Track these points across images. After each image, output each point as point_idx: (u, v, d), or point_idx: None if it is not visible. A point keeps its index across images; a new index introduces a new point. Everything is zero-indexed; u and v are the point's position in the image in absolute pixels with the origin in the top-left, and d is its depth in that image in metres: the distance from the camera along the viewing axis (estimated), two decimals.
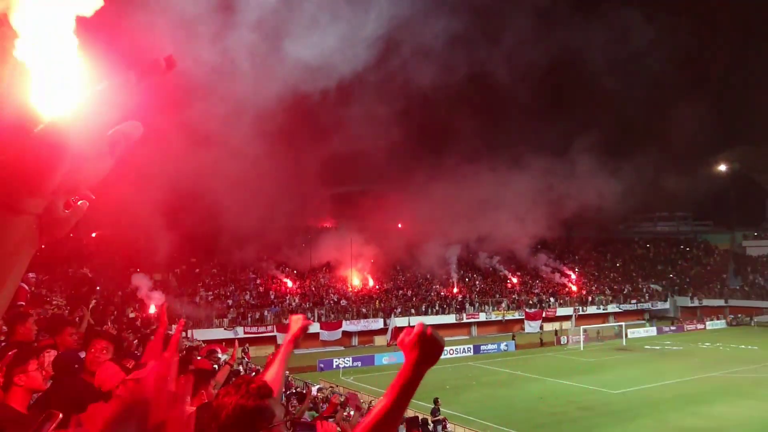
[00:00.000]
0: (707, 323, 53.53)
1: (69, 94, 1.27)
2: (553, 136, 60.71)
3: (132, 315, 26.84)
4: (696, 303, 59.45)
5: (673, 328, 51.52)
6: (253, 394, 1.75)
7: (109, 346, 4.16)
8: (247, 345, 35.41)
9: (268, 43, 33.58)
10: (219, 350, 20.78)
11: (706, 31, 65.94)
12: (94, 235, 39.07)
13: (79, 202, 0.88)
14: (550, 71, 62.22)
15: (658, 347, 42.68)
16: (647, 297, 59.77)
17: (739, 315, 55.10)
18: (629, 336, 45.90)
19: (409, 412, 22.40)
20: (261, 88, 33.86)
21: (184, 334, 29.69)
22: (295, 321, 2.78)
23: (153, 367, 2.58)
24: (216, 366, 10.49)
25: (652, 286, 62.22)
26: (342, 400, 18.43)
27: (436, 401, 21.65)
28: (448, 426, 20.95)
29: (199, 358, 9.22)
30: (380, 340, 44.90)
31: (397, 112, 49.18)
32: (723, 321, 54.55)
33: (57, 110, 1.27)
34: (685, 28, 59.86)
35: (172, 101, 30.73)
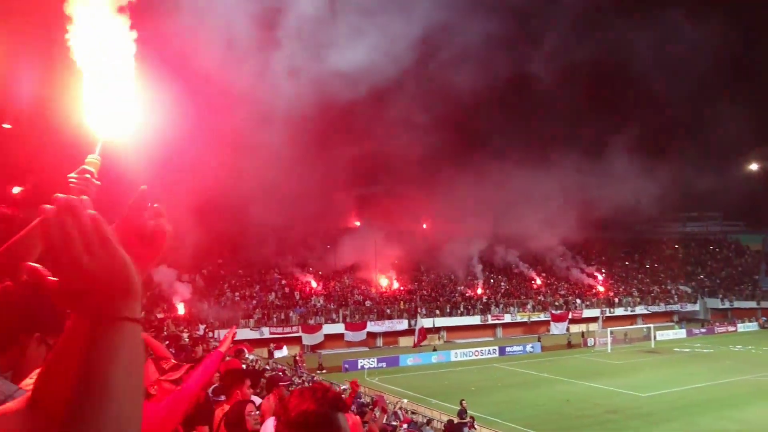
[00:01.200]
0: (738, 325, 52.47)
1: (123, 115, 1.53)
2: (580, 136, 60.15)
3: (160, 316, 27.19)
4: (727, 305, 58.33)
5: (703, 330, 50.61)
6: (329, 402, 1.81)
7: None
8: (272, 345, 35.71)
9: (301, 49, 33.94)
10: (246, 350, 21.00)
11: (740, 30, 64.50)
12: None
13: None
14: (581, 71, 61.52)
15: (687, 350, 41.96)
16: (676, 299, 58.81)
17: None
18: (658, 338, 45.17)
19: (436, 414, 22.40)
20: (291, 93, 34.25)
21: (210, 334, 30.02)
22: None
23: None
24: (245, 366, 10.60)
25: (681, 287, 61.19)
26: (368, 400, 18.49)
27: (462, 403, 21.60)
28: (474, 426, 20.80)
29: (228, 358, 9.31)
30: (405, 341, 44.89)
31: (425, 113, 49.20)
32: (755, 323, 53.37)
33: (111, 131, 1.53)
34: (720, 27, 58.56)
35: (205, 104, 31.25)
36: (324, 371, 34.65)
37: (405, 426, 18.05)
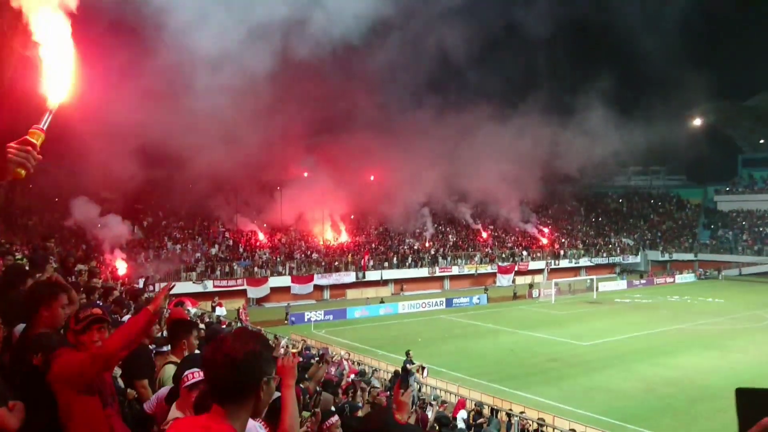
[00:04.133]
0: (677, 277, 54.38)
1: (66, 83, 1.61)
2: (528, 91, 59.49)
3: (80, 268, 25.61)
4: (666, 257, 60.31)
5: (643, 281, 52.21)
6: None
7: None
8: (217, 298, 34.74)
9: None
10: (189, 303, 20.02)
11: None
12: (57, 200, 37.34)
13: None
14: (531, 26, 60.28)
15: (627, 300, 43.21)
16: (618, 251, 60.37)
17: (708, 270, 55.90)
18: (600, 289, 46.35)
19: (383, 365, 22.16)
20: (237, 38, 32.58)
21: (151, 287, 28.89)
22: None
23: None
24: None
25: (623, 240, 62.80)
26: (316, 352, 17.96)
27: (407, 354, 21.38)
28: (425, 372, 20.46)
29: (166, 311, 8.52)
30: (352, 294, 44.68)
31: (378, 60, 47.61)
32: (692, 275, 55.41)
33: (58, 97, 1.61)
34: None
35: (142, 46, 29.30)
36: (287, 323, 34.19)
37: (352, 377, 17.72)
